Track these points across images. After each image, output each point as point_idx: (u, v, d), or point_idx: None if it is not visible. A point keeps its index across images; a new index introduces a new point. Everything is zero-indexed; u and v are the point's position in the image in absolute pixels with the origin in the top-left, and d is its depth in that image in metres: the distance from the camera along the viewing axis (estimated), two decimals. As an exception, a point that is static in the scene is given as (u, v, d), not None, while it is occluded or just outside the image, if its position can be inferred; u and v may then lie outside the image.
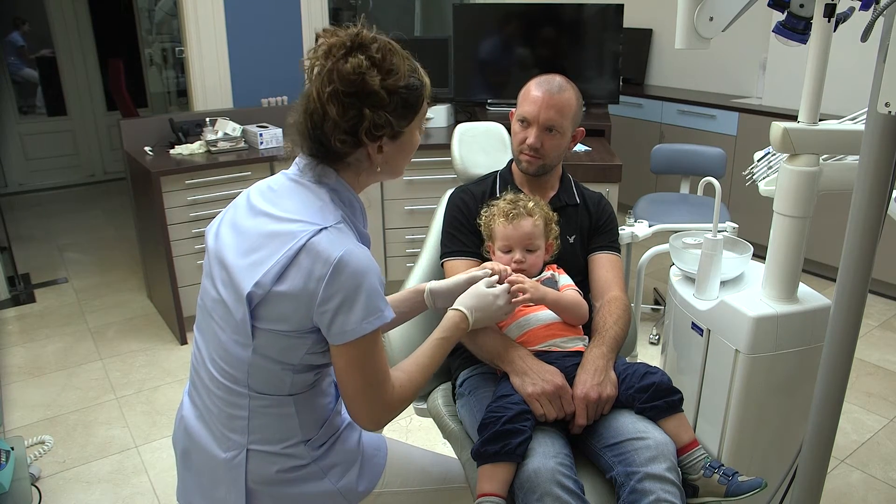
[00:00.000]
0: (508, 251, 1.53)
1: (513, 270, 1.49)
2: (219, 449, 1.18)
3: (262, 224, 1.13)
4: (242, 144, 3.23)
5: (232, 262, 1.13)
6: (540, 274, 1.56)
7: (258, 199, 1.18)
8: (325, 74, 1.08)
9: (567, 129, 1.62)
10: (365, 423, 1.16)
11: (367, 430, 1.21)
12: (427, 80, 1.18)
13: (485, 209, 1.61)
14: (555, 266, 1.59)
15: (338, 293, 1.05)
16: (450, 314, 1.31)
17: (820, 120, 1.41)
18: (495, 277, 1.39)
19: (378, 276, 1.09)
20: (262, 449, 1.16)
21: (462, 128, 1.96)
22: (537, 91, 1.59)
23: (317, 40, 1.12)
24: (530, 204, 1.55)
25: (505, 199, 1.57)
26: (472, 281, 1.39)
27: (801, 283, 1.53)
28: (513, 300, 1.38)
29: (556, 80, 1.61)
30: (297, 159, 1.20)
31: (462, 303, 1.33)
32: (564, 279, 1.57)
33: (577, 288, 1.55)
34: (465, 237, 1.65)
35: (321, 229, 1.07)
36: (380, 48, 1.10)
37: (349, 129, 1.09)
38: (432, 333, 1.28)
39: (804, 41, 1.41)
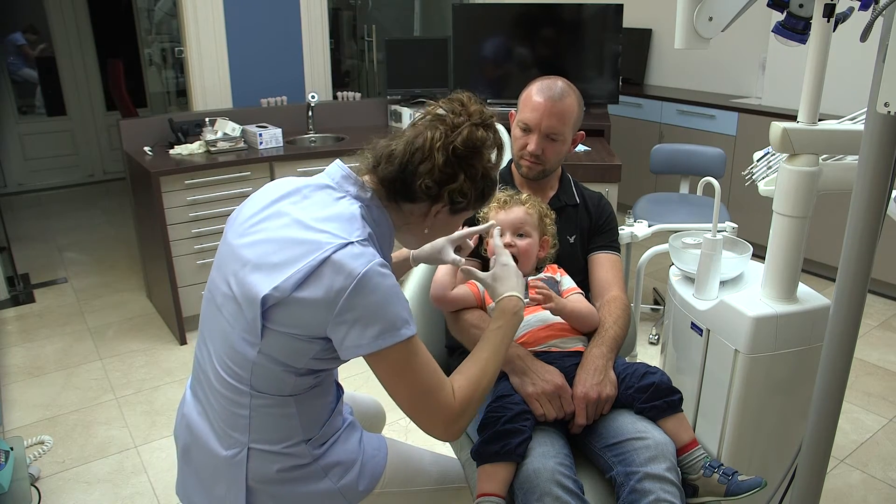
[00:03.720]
0: (500, 237, 1.54)
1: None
2: (220, 446, 1.18)
3: (289, 228, 1.11)
4: (242, 144, 3.23)
5: (251, 260, 1.11)
6: (538, 273, 1.56)
7: (288, 198, 1.16)
8: (451, 129, 1.14)
9: (568, 135, 1.62)
10: (439, 435, 1.16)
11: (445, 441, 1.21)
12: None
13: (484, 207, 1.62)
14: (555, 266, 1.59)
15: (356, 308, 1.04)
16: (503, 302, 1.28)
17: (819, 120, 1.41)
18: (505, 239, 1.46)
19: (400, 295, 1.08)
20: (263, 448, 1.16)
21: (462, 128, 1.96)
22: (539, 97, 1.58)
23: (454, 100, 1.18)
24: (524, 196, 1.58)
25: (502, 192, 1.60)
26: (453, 241, 1.42)
27: (800, 283, 1.54)
28: (540, 304, 1.42)
29: (558, 85, 1.60)
30: (332, 168, 1.19)
31: (509, 287, 1.29)
32: (567, 282, 1.57)
33: (581, 291, 1.56)
34: (464, 236, 1.65)
35: (347, 243, 1.06)
36: (496, 139, 1.18)
37: (440, 180, 1.13)
38: (489, 325, 1.26)
39: (804, 41, 1.41)
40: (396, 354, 1.07)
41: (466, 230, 1.43)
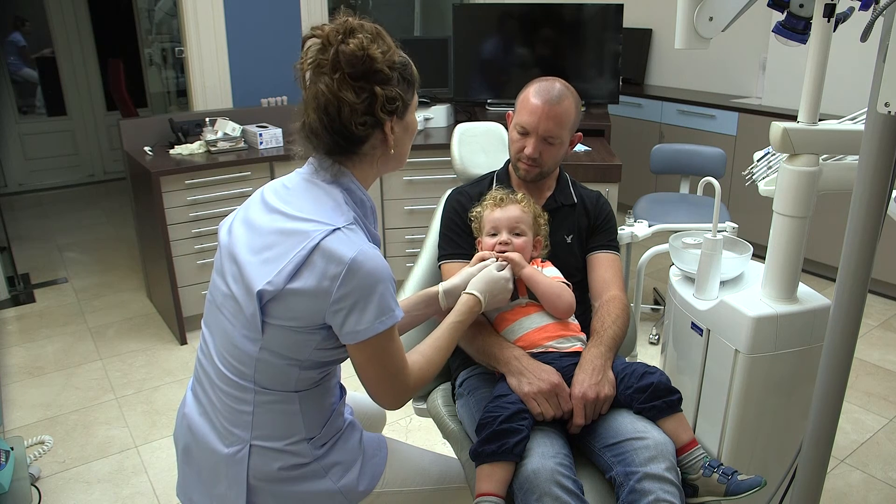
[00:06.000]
0: (494, 235, 1.54)
1: (498, 252, 1.52)
2: (221, 444, 1.19)
3: (276, 222, 1.14)
4: (242, 144, 3.23)
5: (244, 259, 1.14)
6: None
7: (272, 196, 1.19)
8: (330, 64, 1.10)
9: (565, 138, 1.61)
10: (387, 406, 1.22)
11: (388, 410, 1.30)
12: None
13: (476, 205, 1.61)
14: (539, 260, 1.58)
15: (352, 293, 1.06)
16: (464, 298, 1.37)
17: (820, 120, 1.41)
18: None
19: (391, 277, 1.12)
20: (265, 445, 1.17)
21: (462, 128, 1.97)
22: (536, 100, 1.57)
23: (304, 43, 1.15)
24: (520, 195, 1.59)
25: (498, 190, 1.61)
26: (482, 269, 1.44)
27: (800, 283, 1.54)
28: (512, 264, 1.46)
29: (556, 87, 1.58)
30: (311, 158, 1.21)
31: (474, 287, 1.38)
32: (549, 272, 1.56)
33: (564, 281, 1.54)
34: (461, 239, 1.65)
35: (334, 230, 1.08)
36: (369, 29, 1.14)
37: (366, 110, 1.12)
38: (447, 317, 1.33)
39: (804, 41, 1.41)
40: (383, 340, 1.11)
41: (480, 264, 1.46)
